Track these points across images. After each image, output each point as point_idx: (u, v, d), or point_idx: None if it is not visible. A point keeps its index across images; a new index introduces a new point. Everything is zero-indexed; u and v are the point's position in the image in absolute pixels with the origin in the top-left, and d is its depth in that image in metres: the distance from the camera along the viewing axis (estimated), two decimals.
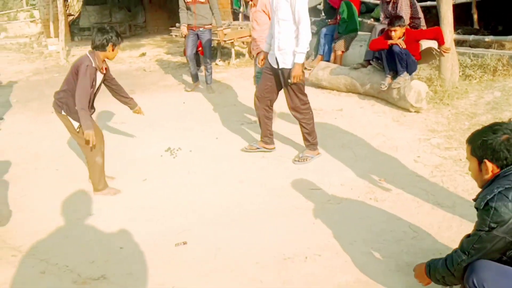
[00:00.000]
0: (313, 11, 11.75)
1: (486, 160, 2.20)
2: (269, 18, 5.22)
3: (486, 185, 2.23)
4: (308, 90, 7.17)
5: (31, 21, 17.22)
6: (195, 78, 7.70)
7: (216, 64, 9.46)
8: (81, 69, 3.71)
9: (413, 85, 5.80)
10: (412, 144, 4.93)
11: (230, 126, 5.80)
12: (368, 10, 11.30)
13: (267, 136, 4.88)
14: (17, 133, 5.87)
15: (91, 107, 4.02)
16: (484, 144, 2.18)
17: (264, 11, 5.27)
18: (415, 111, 5.84)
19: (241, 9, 12.68)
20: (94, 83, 3.85)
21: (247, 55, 9.74)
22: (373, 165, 4.47)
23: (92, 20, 15.76)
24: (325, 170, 4.43)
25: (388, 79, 6.03)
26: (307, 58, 8.56)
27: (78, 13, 16.49)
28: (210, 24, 7.22)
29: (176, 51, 11.47)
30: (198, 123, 6.01)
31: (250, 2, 5.50)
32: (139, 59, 11.04)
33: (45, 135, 5.76)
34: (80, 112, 3.73)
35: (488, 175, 2.21)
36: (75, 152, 5.13)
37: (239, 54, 9.94)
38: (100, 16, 15.98)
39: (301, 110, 4.57)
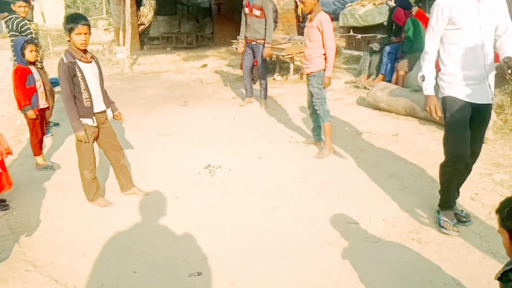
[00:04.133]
0: (381, 28, 11.30)
1: None
2: (322, 37, 4.94)
3: None
4: (364, 111, 6.88)
5: (104, 29, 18.05)
6: (250, 92, 7.56)
7: (274, 79, 9.30)
8: (58, 74, 3.68)
9: None
10: (471, 178, 4.42)
11: (275, 146, 5.58)
12: None
13: None
14: (68, 139, 6.00)
15: (104, 100, 3.98)
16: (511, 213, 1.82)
17: (318, 28, 4.95)
18: None
19: (306, 23, 12.47)
20: (80, 77, 3.70)
21: None
22: (422, 199, 4.06)
23: (161, 30, 16.22)
24: (368, 201, 4.07)
25: None
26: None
27: (149, 23, 17.04)
28: (263, 40, 7.05)
29: (237, 63, 11.44)
30: (244, 139, 5.84)
31: (308, 16, 5.20)
32: (199, 70, 11.13)
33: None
34: (68, 115, 3.75)
35: None
36: (137, 154, 5.14)
37: (298, 70, 9.71)
38: (169, 26, 16.41)
39: None
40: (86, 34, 3.67)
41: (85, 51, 3.79)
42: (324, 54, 4.99)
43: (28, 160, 5.18)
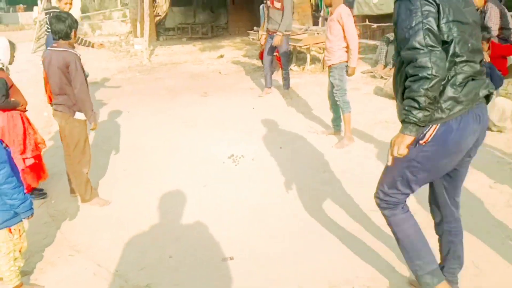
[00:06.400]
0: None
1: None
2: (343, 30, 5.06)
3: None
4: (381, 100, 6.99)
5: (121, 21, 18.24)
6: (269, 83, 7.71)
7: (291, 69, 9.40)
8: (72, 66, 3.71)
9: (497, 102, 5.37)
10: (489, 167, 4.55)
11: (296, 135, 5.73)
12: None
13: None
14: (100, 129, 6.17)
15: None
16: None
17: (338, 21, 5.08)
18: (497, 131, 5.40)
19: (321, 13, 12.51)
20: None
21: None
22: None
23: (177, 20, 16.36)
24: None
25: None
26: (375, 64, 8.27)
27: (165, 14, 17.19)
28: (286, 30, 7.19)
29: (254, 54, 11.57)
30: (264, 129, 6.00)
31: (327, 8, 5.31)
32: (216, 61, 11.27)
33: (117, 132, 6.06)
34: (88, 107, 3.83)
35: None
36: (144, 152, 5.34)
37: (314, 60, 9.81)
38: (184, 17, 16.54)
39: None
40: None
41: None
42: (346, 47, 5.12)
43: (59, 151, 5.37)
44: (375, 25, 11.03)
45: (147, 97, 7.96)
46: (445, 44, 2.16)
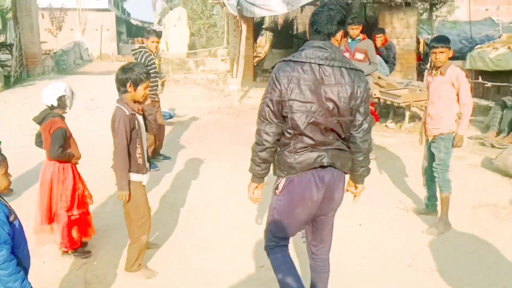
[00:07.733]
0: None
1: None
2: (457, 95, 4.30)
3: None
4: (490, 176, 5.94)
5: (221, 60, 18.60)
6: None
7: (386, 126, 8.58)
8: (115, 123, 3.31)
9: None
10: None
11: (380, 211, 4.93)
12: None
13: None
14: (164, 180, 5.91)
15: (146, 159, 3.56)
16: None
17: (453, 84, 4.31)
18: None
19: (428, 65, 11.53)
20: (137, 130, 3.39)
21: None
22: None
23: (275, 62, 16.23)
24: None
25: None
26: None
27: (265, 54, 17.20)
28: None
29: None
30: (345, 199, 5.25)
31: (433, 71, 4.49)
32: None
33: (187, 184, 5.71)
34: (116, 171, 3.35)
35: None
36: (207, 214, 4.90)
37: (414, 117, 8.89)
38: None
39: None
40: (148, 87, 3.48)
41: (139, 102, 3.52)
42: (457, 114, 4.35)
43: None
44: (489, 84, 9.83)
45: (226, 144, 7.61)
46: (285, 118, 2.55)
